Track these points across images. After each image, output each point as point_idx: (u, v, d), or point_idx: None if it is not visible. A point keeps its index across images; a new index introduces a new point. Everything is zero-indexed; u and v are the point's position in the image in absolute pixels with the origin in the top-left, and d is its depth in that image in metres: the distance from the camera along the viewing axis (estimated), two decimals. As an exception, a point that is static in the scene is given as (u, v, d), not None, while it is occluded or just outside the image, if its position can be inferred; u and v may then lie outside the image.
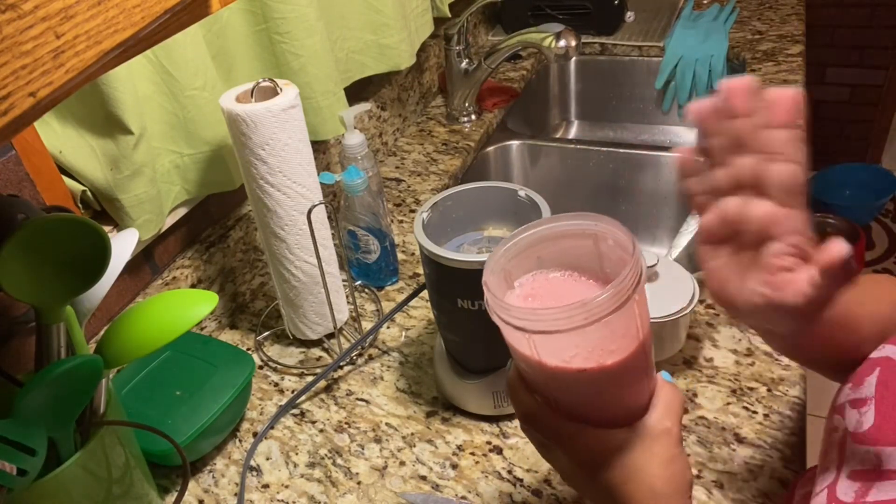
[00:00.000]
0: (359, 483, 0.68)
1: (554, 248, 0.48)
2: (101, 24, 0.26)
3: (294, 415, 0.77)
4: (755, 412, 0.69)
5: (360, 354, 0.83)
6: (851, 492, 0.41)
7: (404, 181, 1.16)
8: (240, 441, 0.75)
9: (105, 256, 0.51)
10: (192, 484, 0.71)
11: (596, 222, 0.46)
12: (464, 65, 1.25)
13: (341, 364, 0.82)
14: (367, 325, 0.87)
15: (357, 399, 0.77)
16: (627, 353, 0.44)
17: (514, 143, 1.30)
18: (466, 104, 1.28)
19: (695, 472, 0.64)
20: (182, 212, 0.82)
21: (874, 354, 0.46)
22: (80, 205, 0.72)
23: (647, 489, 0.43)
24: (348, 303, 0.87)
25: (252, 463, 0.72)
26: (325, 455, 0.72)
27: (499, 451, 0.69)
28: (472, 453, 0.70)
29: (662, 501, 0.43)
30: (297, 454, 0.72)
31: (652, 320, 0.69)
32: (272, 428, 0.75)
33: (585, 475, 0.46)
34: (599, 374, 0.44)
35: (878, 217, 2.49)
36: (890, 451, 0.40)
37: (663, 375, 0.49)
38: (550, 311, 0.41)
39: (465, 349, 0.72)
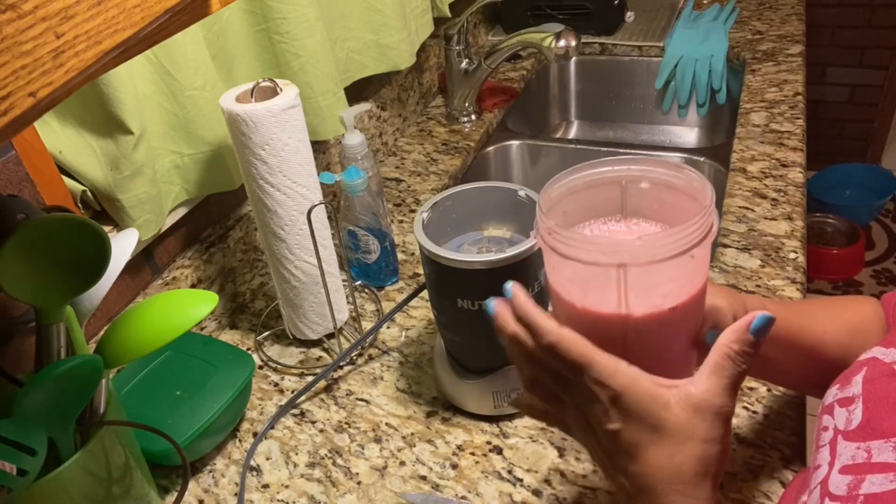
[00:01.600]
0: (359, 483, 0.68)
1: (580, 201, 0.46)
2: (101, 24, 0.26)
3: (294, 415, 0.77)
4: (755, 412, 0.69)
5: (360, 354, 0.83)
6: (844, 485, 0.41)
7: (404, 181, 1.16)
8: (240, 441, 0.75)
9: (105, 256, 0.51)
10: (192, 484, 0.71)
11: (627, 166, 0.44)
12: (464, 65, 1.25)
13: (341, 364, 0.82)
14: (367, 325, 0.87)
15: (357, 399, 0.77)
16: (704, 284, 0.43)
17: (514, 143, 1.30)
18: (466, 104, 1.28)
19: (695, 472, 0.64)
20: (182, 212, 0.82)
21: (861, 357, 0.47)
22: (80, 205, 0.72)
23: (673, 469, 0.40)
24: (348, 303, 0.87)
25: (252, 463, 0.72)
26: (325, 455, 0.72)
27: (499, 451, 0.69)
28: (472, 453, 0.70)
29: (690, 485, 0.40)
30: (297, 454, 0.72)
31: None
32: (272, 428, 0.75)
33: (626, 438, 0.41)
34: (687, 308, 0.42)
35: (878, 217, 2.49)
36: (879, 444, 0.40)
37: (711, 335, 0.45)
38: (656, 237, 0.39)
39: (465, 349, 0.72)
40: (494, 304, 0.45)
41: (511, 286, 0.44)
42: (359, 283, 0.94)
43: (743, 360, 0.41)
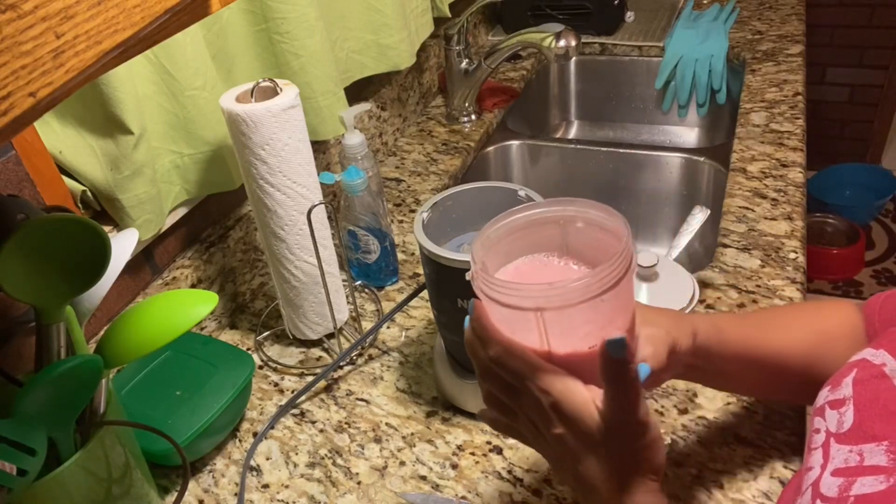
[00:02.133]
0: (359, 483, 0.68)
1: (521, 240, 0.48)
2: (101, 24, 0.26)
3: (294, 415, 0.77)
4: (755, 412, 0.69)
5: (360, 354, 0.83)
6: (835, 487, 0.41)
7: (404, 181, 1.16)
8: (240, 441, 0.75)
9: (105, 256, 0.51)
10: (192, 484, 0.71)
11: (563, 207, 0.46)
12: (464, 65, 1.25)
13: (341, 364, 0.82)
14: (367, 325, 0.87)
15: (357, 399, 0.77)
16: (628, 321, 0.44)
17: (514, 143, 1.30)
18: (466, 104, 1.28)
19: (695, 471, 0.64)
20: (182, 212, 0.82)
21: (852, 358, 0.47)
22: (80, 205, 0.72)
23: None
24: (348, 303, 0.87)
25: (252, 463, 0.72)
26: (325, 455, 0.72)
27: (499, 451, 0.69)
28: (472, 453, 0.70)
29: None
30: (297, 454, 0.72)
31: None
32: (272, 428, 0.75)
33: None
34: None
35: (878, 217, 2.49)
36: (871, 447, 0.41)
37: (641, 368, 0.47)
38: (568, 282, 0.40)
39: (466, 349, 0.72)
40: (466, 319, 0.47)
41: (473, 301, 0.46)
42: (359, 283, 0.94)
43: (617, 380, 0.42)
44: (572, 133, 1.63)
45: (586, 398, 0.42)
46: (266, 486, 0.69)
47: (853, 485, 0.40)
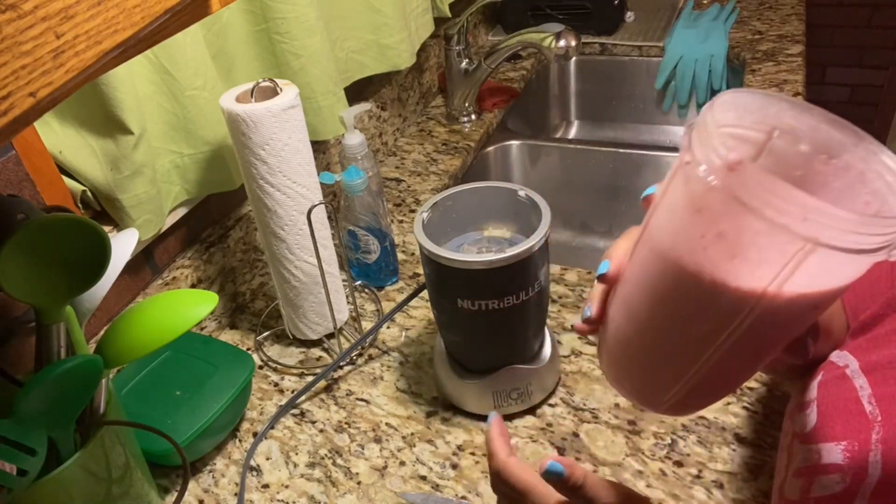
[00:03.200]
0: (359, 483, 0.68)
1: (821, 135, 0.34)
2: (101, 24, 0.26)
3: (294, 415, 0.77)
4: (755, 412, 0.69)
5: (360, 354, 0.83)
6: (797, 489, 0.42)
7: (404, 181, 1.16)
8: (240, 441, 0.75)
9: (105, 256, 0.51)
10: (192, 484, 0.71)
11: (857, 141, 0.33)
12: (464, 65, 1.25)
13: (341, 364, 0.82)
14: (367, 325, 0.87)
15: (357, 399, 0.77)
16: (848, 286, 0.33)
17: (514, 143, 1.30)
18: (466, 104, 1.28)
19: (695, 471, 0.64)
20: (182, 212, 0.82)
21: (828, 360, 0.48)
22: (80, 205, 0.72)
23: None
24: (348, 303, 0.87)
25: (252, 463, 0.72)
26: (325, 455, 0.72)
27: (499, 451, 0.69)
28: (472, 453, 0.70)
29: None
30: (297, 454, 0.72)
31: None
32: (272, 428, 0.75)
33: None
34: (824, 305, 0.34)
35: (878, 217, 2.48)
36: (829, 446, 0.41)
37: (490, 416, 0.52)
38: (880, 221, 0.29)
39: (465, 349, 0.72)
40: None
41: (491, 416, 0.51)
42: (359, 283, 0.94)
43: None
44: (572, 133, 1.63)
45: None
46: (266, 486, 0.69)
47: (812, 485, 0.41)
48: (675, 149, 1.30)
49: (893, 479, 0.37)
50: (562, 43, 1.05)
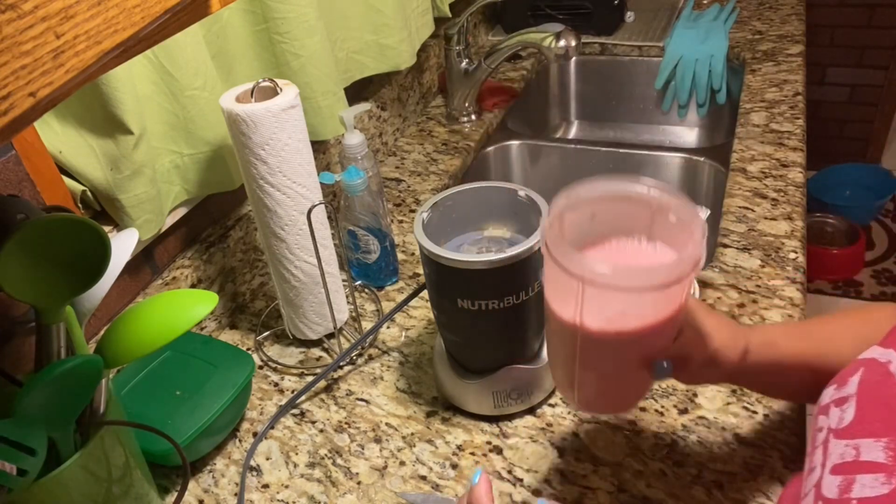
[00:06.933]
0: (359, 483, 0.68)
1: (610, 209, 0.50)
2: (101, 24, 0.26)
3: (294, 415, 0.77)
4: (755, 412, 0.69)
5: (360, 354, 0.83)
6: (835, 487, 0.41)
7: (404, 181, 1.16)
8: (240, 441, 0.75)
9: (105, 256, 0.51)
10: (192, 484, 0.71)
11: (661, 193, 0.48)
12: (464, 65, 1.25)
13: (341, 364, 0.82)
14: (367, 325, 0.87)
15: (357, 399, 0.77)
16: (667, 317, 0.46)
17: (514, 143, 1.30)
18: (466, 104, 1.28)
19: (695, 472, 0.64)
20: (182, 212, 0.82)
21: (860, 356, 0.47)
22: (80, 205, 0.72)
23: None
24: (348, 303, 0.87)
25: (252, 463, 0.72)
26: (325, 455, 0.72)
27: (499, 451, 0.69)
28: (472, 453, 0.70)
29: None
30: (297, 454, 0.72)
31: (652, 320, 0.69)
32: (272, 428, 0.75)
33: None
34: (638, 337, 0.47)
35: (878, 217, 2.49)
36: (868, 442, 0.40)
37: (660, 365, 0.51)
38: (620, 269, 0.43)
39: (465, 349, 0.72)
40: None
41: (477, 474, 0.52)
42: (359, 283, 0.94)
43: None
44: (572, 133, 1.63)
45: None
46: (266, 486, 0.69)
47: (853, 485, 0.40)
48: (675, 149, 1.30)
49: None
50: (562, 43, 1.05)
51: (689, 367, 0.53)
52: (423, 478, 0.68)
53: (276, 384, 0.81)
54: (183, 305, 0.57)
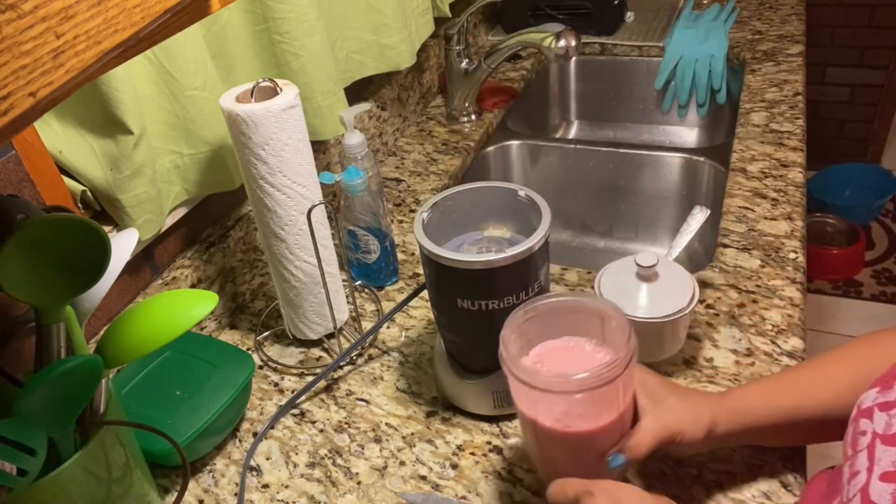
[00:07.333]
0: (359, 483, 0.68)
1: (566, 318, 0.58)
2: (101, 24, 0.26)
3: (294, 415, 0.77)
4: (755, 412, 0.69)
5: (360, 354, 0.83)
6: (887, 494, 0.40)
7: (404, 181, 1.16)
8: (240, 441, 0.75)
9: (105, 256, 0.51)
10: (192, 484, 0.71)
11: (602, 305, 0.58)
12: (464, 65, 1.25)
13: (341, 364, 0.82)
14: (367, 325, 0.87)
15: (357, 399, 0.78)
16: (606, 423, 0.53)
17: (514, 143, 1.30)
18: (466, 104, 1.28)
19: (695, 472, 0.64)
20: (182, 212, 0.82)
21: None
22: (80, 205, 0.72)
23: None
24: (348, 303, 0.87)
25: (252, 463, 0.72)
26: (325, 455, 0.72)
27: (499, 451, 0.69)
28: (472, 453, 0.70)
29: None
30: (297, 454, 0.72)
31: (652, 320, 0.69)
32: (272, 428, 0.75)
33: None
34: (586, 434, 0.54)
35: (878, 217, 2.49)
36: None
37: (615, 458, 0.55)
38: (549, 374, 0.53)
39: (465, 349, 0.72)
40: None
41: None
42: (359, 283, 0.94)
43: None
44: (572, 133, 1.63)
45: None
46: (266, 486, 0.69)
47: None
48: (675, 149, 1.30)
49: None
50: (562, 43, 1.05)
51: (656, 450, 0.55)
52: (423, 478, 0.68)
53: (276, 384, 0.81)
54: (183, 305, 0.57)
